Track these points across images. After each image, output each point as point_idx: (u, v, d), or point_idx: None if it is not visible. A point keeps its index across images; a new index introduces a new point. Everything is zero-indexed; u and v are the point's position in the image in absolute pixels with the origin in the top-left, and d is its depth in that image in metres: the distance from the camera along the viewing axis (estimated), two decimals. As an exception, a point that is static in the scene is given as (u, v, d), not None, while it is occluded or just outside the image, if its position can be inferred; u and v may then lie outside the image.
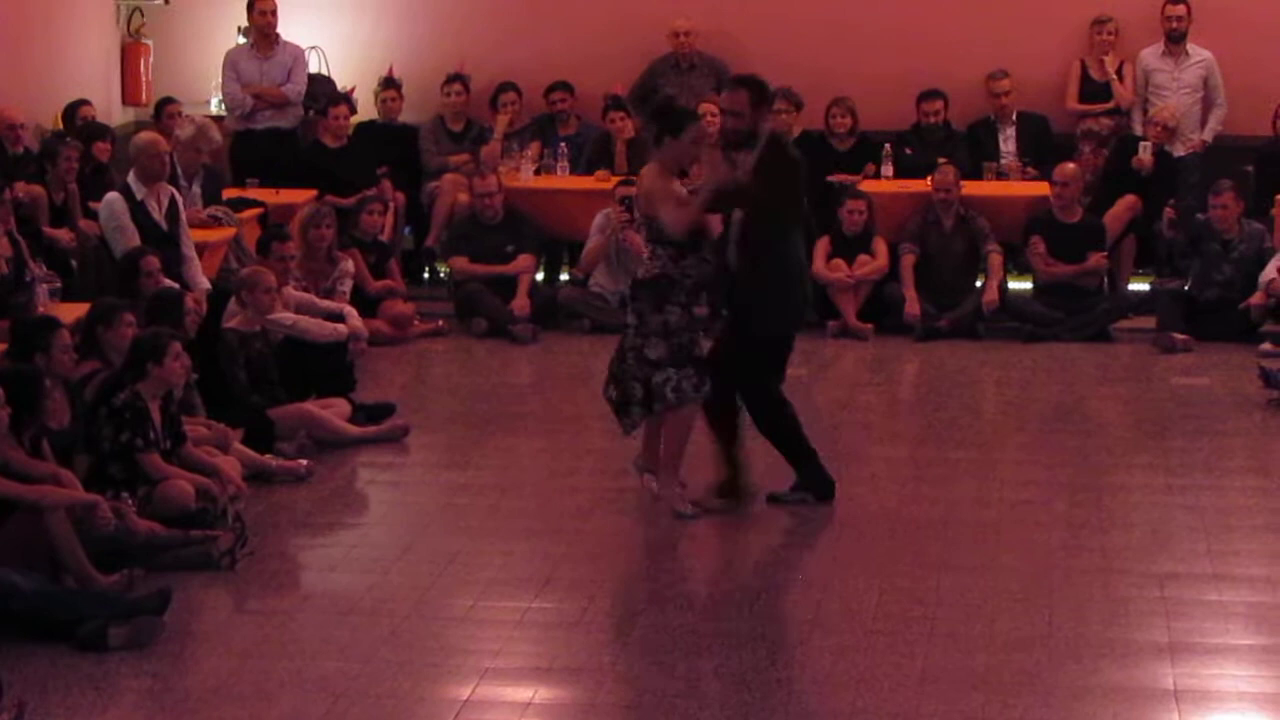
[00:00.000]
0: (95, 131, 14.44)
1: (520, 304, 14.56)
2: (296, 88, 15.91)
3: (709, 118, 13.10)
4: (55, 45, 15.81)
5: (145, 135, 13.02)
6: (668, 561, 9.57)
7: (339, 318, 12.79)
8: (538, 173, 15.65)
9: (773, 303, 10.02)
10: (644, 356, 9.88)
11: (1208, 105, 15.76)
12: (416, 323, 14.53)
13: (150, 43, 16.82)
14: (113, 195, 12.54)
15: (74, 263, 12.78)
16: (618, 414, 10.08)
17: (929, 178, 14.94)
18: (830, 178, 15.41)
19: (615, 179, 15.10)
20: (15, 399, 8.94)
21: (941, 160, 15.06)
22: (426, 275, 16.12)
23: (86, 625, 8.11)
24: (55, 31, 15.85)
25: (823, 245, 14.64)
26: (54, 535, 8.60)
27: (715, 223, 10.01)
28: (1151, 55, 15.80)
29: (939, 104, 15.84)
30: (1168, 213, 14.83)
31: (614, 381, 10.03)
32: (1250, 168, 15.34)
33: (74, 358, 10.00)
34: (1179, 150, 15.58)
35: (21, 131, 13.97)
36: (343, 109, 15.71)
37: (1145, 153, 15.24)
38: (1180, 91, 15.71)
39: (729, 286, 10.06)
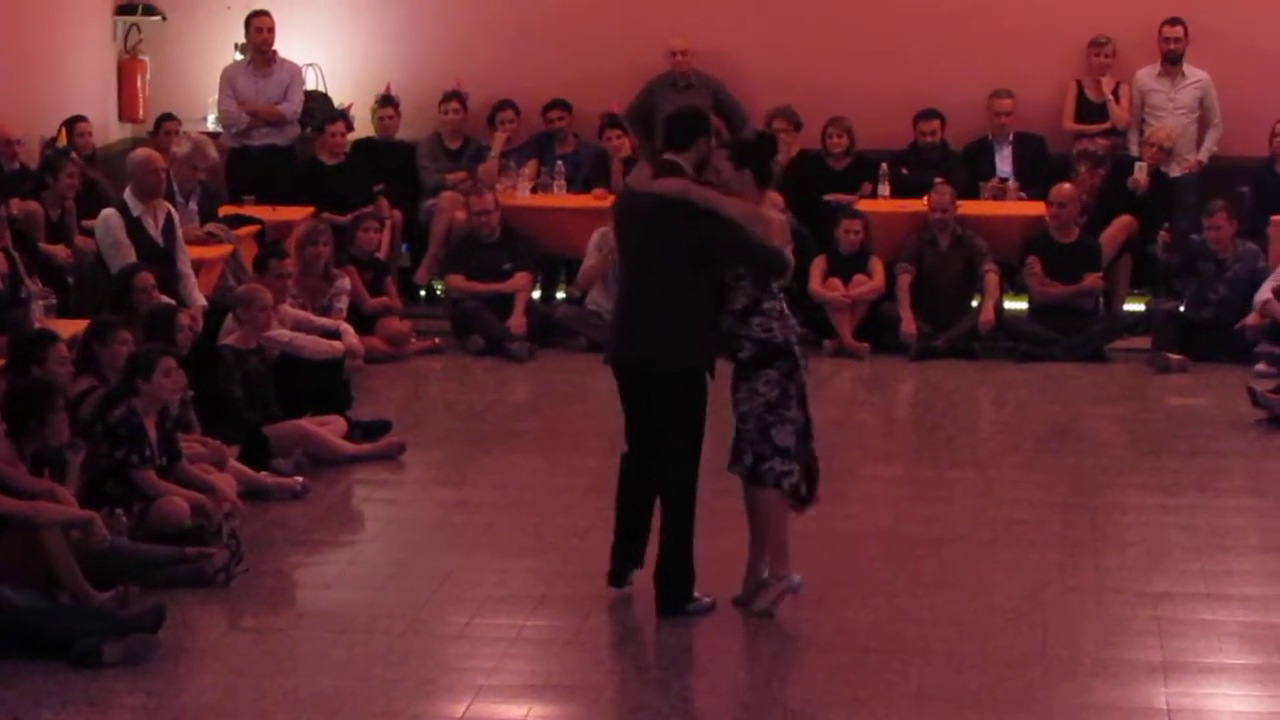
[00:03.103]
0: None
1: (517, 322, 14.56)
2: (293, 106, 15.91)
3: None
4: (52, 61, 15.82)
5: (141, 152, 13.01)
6: (663, 580, 9.56)
7: (335, 335, 12.79)
8: (535, 191, 15.69)
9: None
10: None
11: (1204, 126, 15.78)
12: (413, 340, 14.53)
13: (147, 59, 16.83)
14: (109, 211, 12.52)
15: (70, 279, 12.78)
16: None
17: (925, 197, 14.95)
18: (826, 197, 15.45)
19: (611, 197, 15.09)
20: (25, 411, 8.95)
21: (938, 180, 15.07)
22: (423, 293, 16.12)
23: (81, 642, 8.10)
24: (52, 47, 15.86)
25: (819, 264, 14.66)
26: (49, 551, 8.59)
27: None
28: (1148, 76, 15.82)
29: (936, 124, 15.86)
30: (1163, 236, 14.86)
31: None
32: (1246, 188, 15.34)
33: (70, 371, 10.02)
34: (1175, 171, 15.59)
35: (18, 147, 13.96)
36: (340, 126, 15.72)
37: (1141, 173, 15.24)
38: (1176, 112, 15.74)
39: None
